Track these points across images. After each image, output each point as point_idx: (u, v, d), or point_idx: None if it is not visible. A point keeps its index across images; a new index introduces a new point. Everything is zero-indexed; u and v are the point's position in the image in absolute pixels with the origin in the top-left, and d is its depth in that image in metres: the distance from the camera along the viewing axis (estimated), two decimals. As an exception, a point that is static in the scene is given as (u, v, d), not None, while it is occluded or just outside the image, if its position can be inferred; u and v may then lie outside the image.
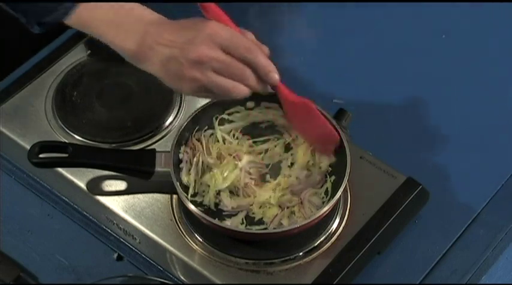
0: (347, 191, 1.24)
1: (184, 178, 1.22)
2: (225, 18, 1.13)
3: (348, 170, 1.18)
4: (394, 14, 1.55)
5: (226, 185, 1.21)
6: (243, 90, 1.12)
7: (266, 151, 1.26)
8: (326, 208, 1.16)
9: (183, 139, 1.23)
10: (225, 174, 1.22)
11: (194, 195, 1.21)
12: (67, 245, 1.27)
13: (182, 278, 1.21)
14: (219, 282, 1.17)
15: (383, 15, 1.55)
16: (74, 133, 1.30)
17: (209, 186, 1.21)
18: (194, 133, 1.25)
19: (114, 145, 1.28)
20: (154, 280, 1.20)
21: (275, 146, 1.26)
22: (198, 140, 1.25)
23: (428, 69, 1.48)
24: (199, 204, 1.20)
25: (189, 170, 1.22)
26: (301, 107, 1.18)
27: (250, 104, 1.27)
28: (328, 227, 1.20)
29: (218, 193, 1.21)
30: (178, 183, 1.18)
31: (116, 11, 1.14)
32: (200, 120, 1.25)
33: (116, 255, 1.26)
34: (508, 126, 1.41)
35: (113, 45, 1.15)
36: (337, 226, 1.21)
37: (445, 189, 1.32)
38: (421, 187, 1.25)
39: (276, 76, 1.13)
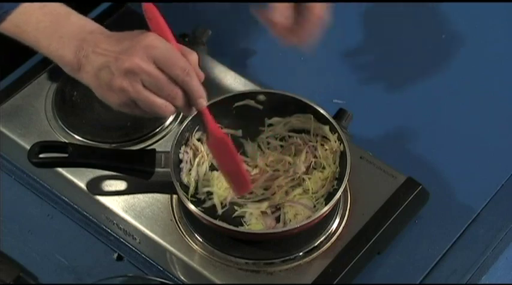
0: (347, 191, 1.24)
1: (185, 178, 1.22)
2: (168, 34, 1.09)
3: (347, 170, 1.18)
4: (394, 14, 1.55)
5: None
6: (169, 110, 1.09)
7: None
8: (326, 208, 1.16)
9: (183, 139, 1.23)
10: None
11: (194, 195, 1.21)
12: (67, 245, 1.27)
13: (182, 278, 1.21)
14: (219, 282, 1.17)
15: (383, 15, 1.55)
16: (74, 133, 1.29)
17: (213, 186, 1.21)
18: (194, 133, 1.25)
19: (114, 145, 1.28)
20: (154, 280, 1.20)
21: (289, 154, 1.25)
22: (199, 140, 1.25)
23: (428, 69, 1.48)
24: (199, 204, 1.20)
25: (189, 170, 1.22)
26: (219, 140, 1.16)
27: None
28: (328, 227, 1.20)
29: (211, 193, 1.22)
30: (178, 183, 1.18)
31: (52, 17, 1.12)
32: (200, 120, 1.25)
33: (116, 255, 1.26)
34: (508, 126, 1.41)
35: (47, 53, 1.12)
36: (337, 226, 1.21)
37: (445, 189, 1.32)
38: (421, 187, 1.25)
39: (204, 103, 1.10)
